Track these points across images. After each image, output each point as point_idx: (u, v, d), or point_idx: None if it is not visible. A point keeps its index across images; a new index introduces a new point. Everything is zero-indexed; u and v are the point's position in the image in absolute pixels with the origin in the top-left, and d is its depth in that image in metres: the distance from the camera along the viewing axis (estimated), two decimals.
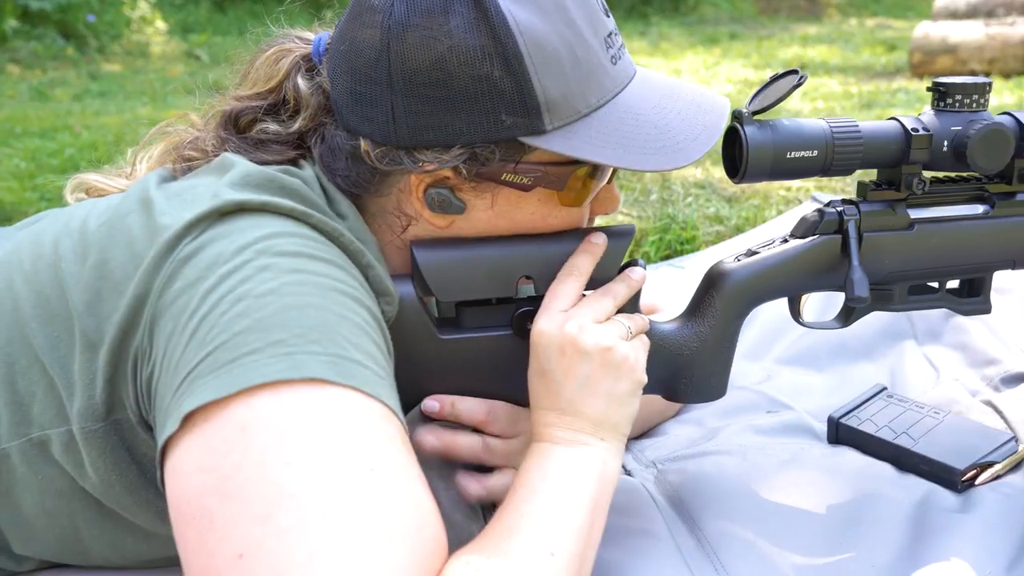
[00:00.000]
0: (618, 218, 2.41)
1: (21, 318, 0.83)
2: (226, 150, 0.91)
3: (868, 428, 1.17)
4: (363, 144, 0.87)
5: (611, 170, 0.94)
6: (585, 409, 0.87)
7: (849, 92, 4.59)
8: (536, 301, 0.93)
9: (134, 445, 0.83)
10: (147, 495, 0.85)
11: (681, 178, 2.80)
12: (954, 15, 5.48)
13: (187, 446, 0.69)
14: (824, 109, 4.08)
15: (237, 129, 0.94)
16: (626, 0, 9.32)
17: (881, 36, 7.36)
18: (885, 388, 1.27)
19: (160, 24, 7.78)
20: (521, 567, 0.73)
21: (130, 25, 7.44)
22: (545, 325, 0.88)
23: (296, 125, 0.91)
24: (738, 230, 2.28)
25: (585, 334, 0.87)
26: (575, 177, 0.90)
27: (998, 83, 4.62)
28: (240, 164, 0.86)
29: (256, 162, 0.88)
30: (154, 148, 1.00)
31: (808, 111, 4.03)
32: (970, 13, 5.42)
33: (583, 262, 0.92)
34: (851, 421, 1.19)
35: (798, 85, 0.91)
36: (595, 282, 0.95)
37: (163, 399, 0.73)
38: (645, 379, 0.91)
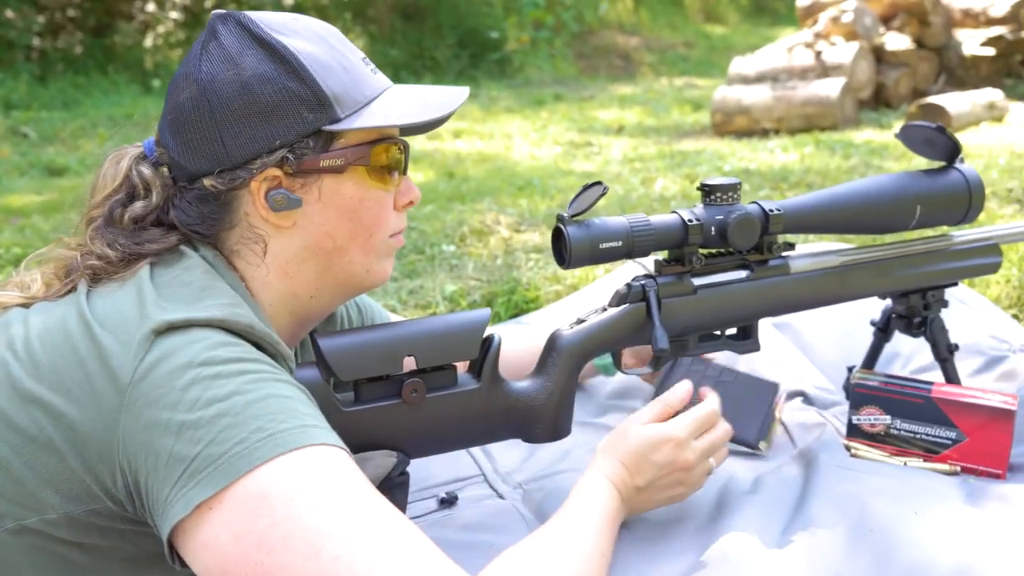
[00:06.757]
0: (470, 283, 2.68)
1: None
2: (118, 246, 1.03)
3: None
4: (207, 181, 1.02)
5: (401, 143, 1.11)
6: None
7: (663, 152, 5.02)
8: (418, 373, 1.12)
9: (108, 530, 0.94)
10: (135, 548, 0.96)
11: (522, 244, 3.05)
12: (745, 80, 6.09)
13: (212, 524, 0.84)
14: (642, 169, 4.51)
15: (117, 225, 1.05)
16: (455, 64, 9.59)
17: (688, 95, 7.92)
18: None
19: None
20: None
21: None
22: None
23: (154, 201, 1.06)
24: (574, 288, 2.47)
25: None
26: (375, 151, 1.08)
27: (784, 140, 5.19)
28: (147, 282, 0.98)
29: (148, 253, 1.02)
30: (41, 269, 1.09)
31: (628, 172, 4.45)
32: (758, 78, 6.04)
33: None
34: None
35: (603, 194, 1.15)
36: (457, 358, 1.14)
37: (160, 492, 0.86)
38: None
